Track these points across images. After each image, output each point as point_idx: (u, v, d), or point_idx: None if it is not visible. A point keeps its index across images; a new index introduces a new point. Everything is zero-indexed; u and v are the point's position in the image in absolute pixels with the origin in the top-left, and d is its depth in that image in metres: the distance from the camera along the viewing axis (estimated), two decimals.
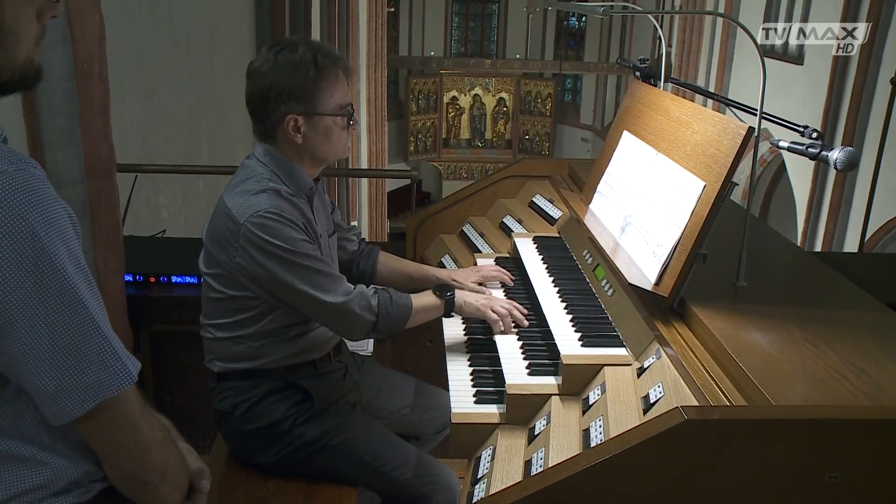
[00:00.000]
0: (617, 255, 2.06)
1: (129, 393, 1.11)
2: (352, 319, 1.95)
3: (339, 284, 1.94)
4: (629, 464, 1.25)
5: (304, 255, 1.88)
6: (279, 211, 1.86)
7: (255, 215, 1.85)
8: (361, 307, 1.95)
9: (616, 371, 1.78)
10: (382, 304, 1.99)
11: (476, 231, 2.99)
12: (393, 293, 2.03)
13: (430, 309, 2.11)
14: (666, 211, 1.92)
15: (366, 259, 2.39)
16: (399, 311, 2.02)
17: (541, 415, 1.80)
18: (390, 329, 2.01)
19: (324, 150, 1.97)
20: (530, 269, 2.41)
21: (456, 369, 2.06)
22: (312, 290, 1.89)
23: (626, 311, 1.95)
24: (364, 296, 1.96)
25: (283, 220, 1.85)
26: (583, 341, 1.91)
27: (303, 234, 1.89)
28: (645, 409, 1.56)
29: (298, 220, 1.90)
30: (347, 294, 1.94)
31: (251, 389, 2.03)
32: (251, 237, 1.85)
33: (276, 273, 1.87)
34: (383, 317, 1.99)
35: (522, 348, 2.04)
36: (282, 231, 1.85)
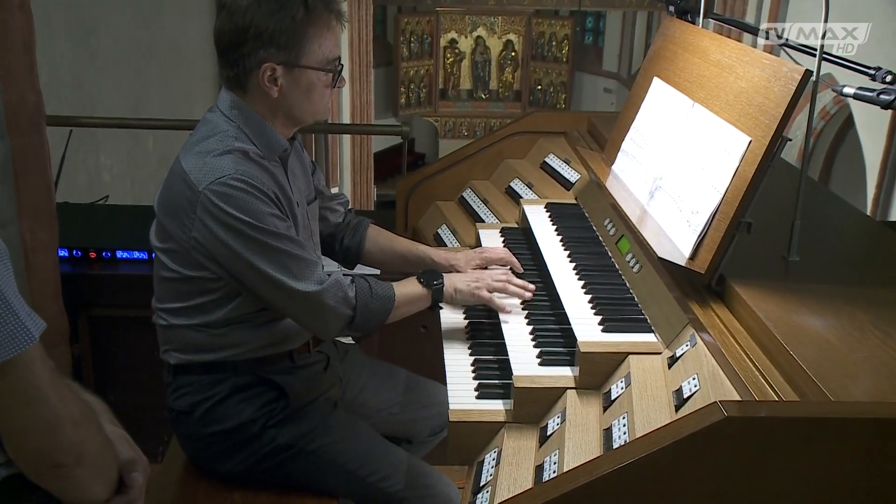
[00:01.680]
0: (644, 224, 2.06)
1: (34, 359, 1.14)
2: (325, 313, 1.95)
3: (313, 271, 1.94)
4: (658, 469, 1.26)
5: (272, 233, 1.87)
6: (246, 177, 1.85)
7: (216, 182, 1.84)
8: (336, 299, 1.95)
9: (643, 361, 1.78)
10: (361, 297, 1.99)
11: (478, 197, 2.99)
12: (373, 283, 2.03)
13: (415, 300, 2.11)
14: (703, 172, 1.91)
15: (352, 233, 2.38)
16: (380, 304, 2.02)
17: (554, 412, 1.80)
18: (369, 325, 2.02)
19: (302, 108, 1.97)
20: (542, 241, 2.42)
21: (455, 359, 2.07)
22: (280, 275, 1.89)
23: (655, 291, 1.96)
24: (340, 286, 1.96)
25: (250, 190, 1.85)
26: (604, 326, 1.92)
27: (273, 208, 1.89)
28: (677, 406, 1.57)
29: (269, 188, 1.90)
30: (321, 283, 1.93)
31: (214, 385, 2.04)
32: (211, 208, 1.85)
33: (239, 252, 1.87)
34: (361, 311, 1.99)
35: (533, 334, 2.05)
36: (248, 203, 1.85)
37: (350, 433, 2.10)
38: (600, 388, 1.83)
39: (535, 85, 16.20)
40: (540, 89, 16.20)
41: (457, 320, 2.25)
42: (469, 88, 16.32)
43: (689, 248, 1.86)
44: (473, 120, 16.02)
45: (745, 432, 1.25)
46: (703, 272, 1.79)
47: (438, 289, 2.12)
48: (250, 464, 2.05)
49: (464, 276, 2.19)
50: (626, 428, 1.59)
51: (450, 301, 2.16)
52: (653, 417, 1.57)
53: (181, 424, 2.09)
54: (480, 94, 16.34)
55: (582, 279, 2.17)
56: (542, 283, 2.30)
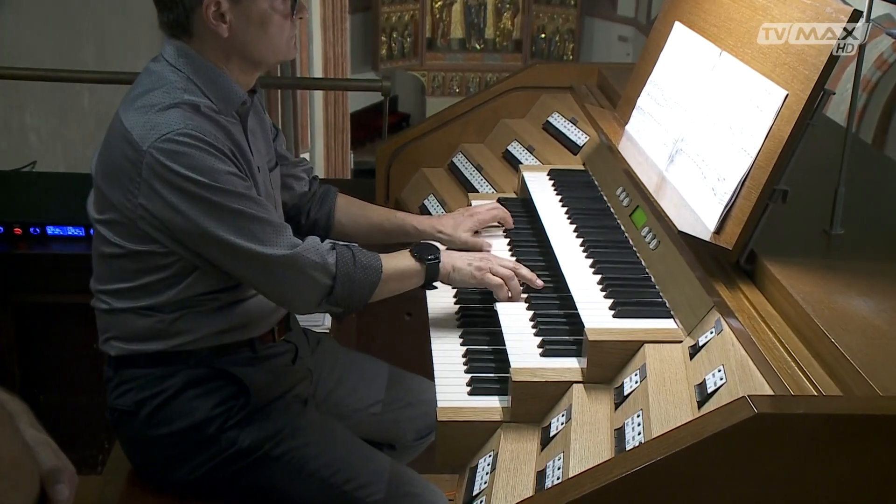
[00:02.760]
0: (663, 193, 2.06)
1: None
2: (299, 281, 1.95)
3: (281, 233, 1.94)
4: (678, 474, 1.27)
5: (231, 193, 1.88)
6: (197, 132, 1.86)
7: (163, 139, 1.84)
8: (313, 265, 1.96)
9: (661, 350, 1.79)
10: (342, 264, 1.99)
11: (471, 163, 2.99)
12: (357, 250, 2.03)
13: (405, 276, 2.12)
14: (731, 132, 1.91)
15: (319, 204, 2.39)
16: (365, 274, 2.02)
17: (558, 409, 1.81)
18: (352, 299, 2.01)
19: (259, 46, 1.96)
20: (545, 213, 2.42)
21: (444, 350, 2.07)
22: (243, 240, 1.89)
23: (676, 270, 1.96)
24: (317, 250, 1.97)
25: (202, 145, 1.85)
26: (616, 310, 1.93)
27: (230, 165, 1.89)
28: (700, 401, 1.58)
29: (224, 144, 1.90)
30: (293, 246, 1.94)
31: (163, 380, 2.04)
32: (158, 169, 1.85)
33: (192, 217, 1.87)
34: (343, 281, 1.99)
35: (534, 320, 2.05)
36: (200, 159, 1.85)
37: (323, 436, 2.11)
38: (611, 382, 1.83)
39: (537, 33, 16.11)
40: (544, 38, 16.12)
41: (446, 305, 2.25)
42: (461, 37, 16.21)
43: (715, 221, 1.86)
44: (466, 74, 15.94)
45: (779, 432, 1.26)
46: (731, 248, 1.79)
47: (434, 265, 2.12)
48: (206, 471, 2.06)
49: (465, 254, 2.19)
50: (640, 427, 1.59)
51: (446, 280, 2.16)
52: (672, 415, 1.58)
53: (125, 426, 2.09)
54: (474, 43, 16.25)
55: (590, 257, 2.17)
56: (545, 262, 2.30)
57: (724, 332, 1.68)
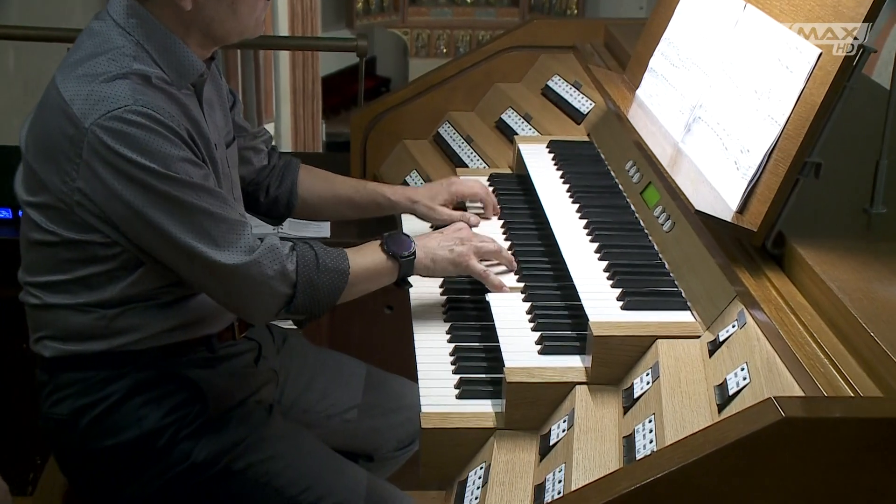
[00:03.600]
0: (679, 167, 2.06)
1: None
2: (255, 292, 1.96)
3: (239, 235, 1.94)
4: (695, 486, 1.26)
5: (185, 184, 1.87)
6: (149, 109, 1.85)
7: (109, 115, 1.83)
8: (271, 273, 1.96)
9: (676, 346, 1.79)
10: (304, 269, 2.00)
11: (459, 134, 2.98)
12: (321, 250, 2.04)
13: (376, 275, 2.12)
14: (757, 97, 1.91)
15: (279, 180, 2.40)
16: (329, 279, 2.03)
17: (559, 414, 1.81)
18: (314, 307, 2.03)
19: (225, 24, 1.97)
20: (544, 191, 2.41)
21: (429, 347, 2.08)
22: (195, 241, 1.89)
23: (693, 256, 1.96)
24: (276, 255, 1.97)
25: (154, 126, 1.84)
26: (624, 302, 1.93)
27: (185, 150, 1.89)
28: (721, 404, 1.59)
29: (180, 125, 1.89)
30: (250, 251, 1.94)
31: (106, 385, 2.03)
32: (102, 150, 1.84)
33: (139, 209, 1.86)
34: (304, 289, 2.00)
35: (531, 313, 2.05)
36: (151, 143, 1.84)
37: (290, 447, 2.10)
38: (619, 383, 1.84)
39: None
40: None
41: (431, 295, 2.25)
42: None
43: (738, 199, 1.86)
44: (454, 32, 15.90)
45: (811, 438, 1.26)
46: (756, 230, 1.79)
47: (408, 261, 2.13)
48: (155, 490, 2.05)
49: (442, 237, 2.20)
50: (652, 434, 1.59)
51: (425, 273, 2.17)
52: (688, 420, 1.58)
53: (61, 438, 2.09)
54: None
55: (596, 241, 2.16)
56: (544, 247, 2.30)
57: (747, 326, 1.67)
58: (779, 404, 1.25)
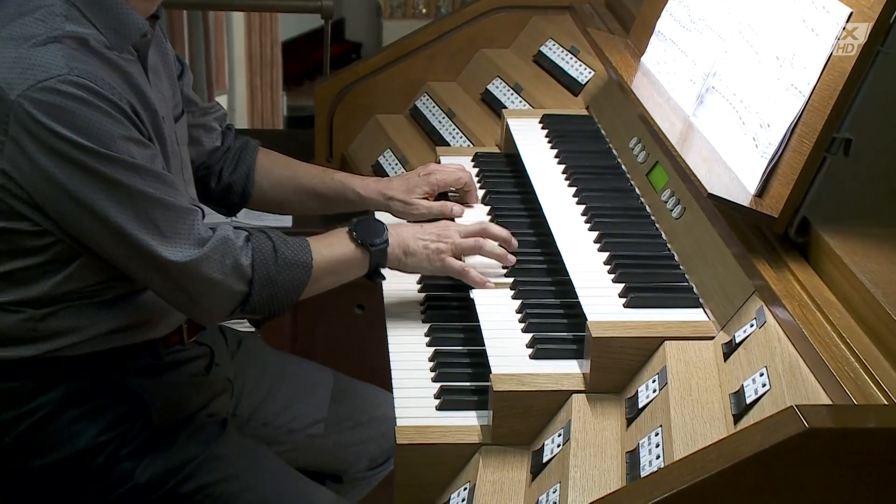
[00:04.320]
0: (690, 145, 2.05)
1: None
2: (206, 290, 1.96)
3: (190, 225, 1.93)
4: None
5: (128, 165, 1.86)
6: (86, 79, 1.84)
7: (39, 86, 1.82)
8: (223, 269, 1.95)
9: (686, 349, 1.79)
10: (261, 264, 1.99)
11: (440, 108, 2.97)
12: (279, 241, 2.03)
13: (343, 267, 2.12)
14: (778, 64, 1.90)
15: (234, 164, 2.39)
16: (290, 274, 2.02)
17: (553, 427, 1.81)
18: (273, 305, 2.03)
19: None
20: (536, 173, 2.41)
21: (405, 351, 2.07)
22: (140, 232, 1.88)
23: (706, 245, 1.96)
24: (229, 248, 1.96)
25: (92, 99, 1.83)
26: (628, 298, 1.93)
27: (128, 127, 1.88)
28: (737, 414, 1.58)
29: (122, 97, 1.88)
30: (201, 244, 1.93)
31: (35, 396, 2.03)
32: (31, 126, 1.83)
33: (74, 194, 1.85)
34: (261, 285, 1.99)
35: (522, 312, 2.05)
36: (90, 118, 1.83)
37: (247, 467, 2.10)
38: (622, 391, 1.84)
39: None
40: None
41: (408, 292, 2.25)
42: None
43: (757, 180, 1.85)
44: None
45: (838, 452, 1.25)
46: (777, 215, 1.79)
47: (381, 250, 2.12)
48: None
49: (420, 229, 2.19)
50: (659, 449, 1.59)
51: (397, 266, 2.16)
52: (700, 432, 1.58)
53: None
54: None
55: (595, 229, 2.16)
56: (536, 237, 2.29)
57: (767, 325, 1.67)
58: (802, 414, 1.24)
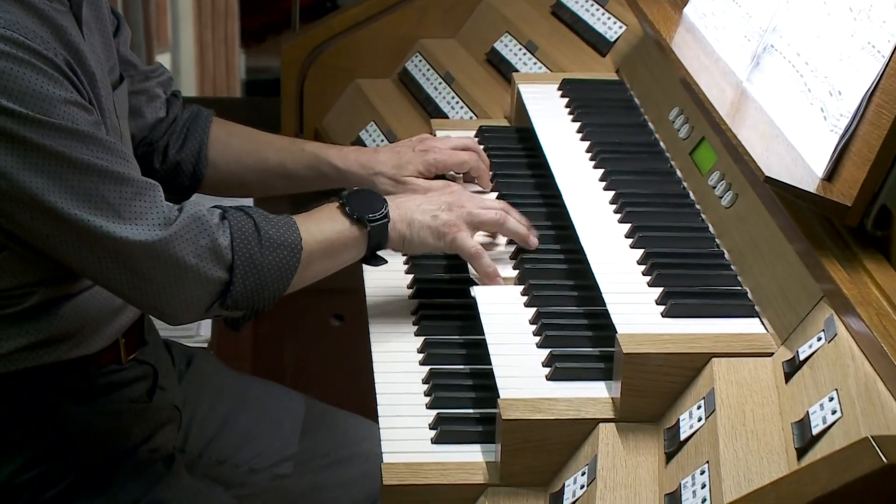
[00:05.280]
0: (743, 117, 2.06)
1: None
2: (178, 279, 1.96)
3: (150, 201, 1.94)
4: None
5: (72, 133, 1.87)
6: (16, 33, 1.85)
7: None
8: (198, 250, 1.95)
9: (739, 368, 1.78)
10: (242, 245, 1.99)
11: (436, 71, 2.99)
12: (260, 218, 2.04)
13: (337, 248, 2.12)
14: (852, 17, 1.90)
15: (181, 138, 2.41)
16: (276, 256, 2.02)
17: (577, 464, 1.81)
18: (258, 296, 2.03)
19: None
20: (555, 151, 2.41)
21: (393, 371, 2.08)
22: (89, 213, 1.88)
23: (763, 240, 1.96)
24: (203, 226, 1.96)
25: (24, 56, 1.85)
26: (667, 305, 1.93)
27: (66, 87, 1.89)
28: (801, 447, 1.58)
29: (58, 52, 1.90)
30: (166, 223, 1.93)
31: None
32: None
33: (5, 171, 1.85)
34: (245, 270, 1.99)
35: (537, 322, 2.05)
36: (22, 80, 1.84)
37: None
38: (660, 419, 1.83)
39: None
40: None
41: (396, 297, 2.25)
42: None
43: (826, 161, 1.85)
44: None
45: None
46: (851, 204, 1.77)
47: (380, 225, 2.11)
48: None
49: (424, 198, 2.20)
50: (706, 491, 1.59)
51: (398, 245, 2.16)
52: (755, 470, 1.58)
53: None
54: None
55: (627, 220, 2.15)
56: (554, 230, 2.29)
57: (839, 339, 1.66)
58: (880, 447, 1.25)
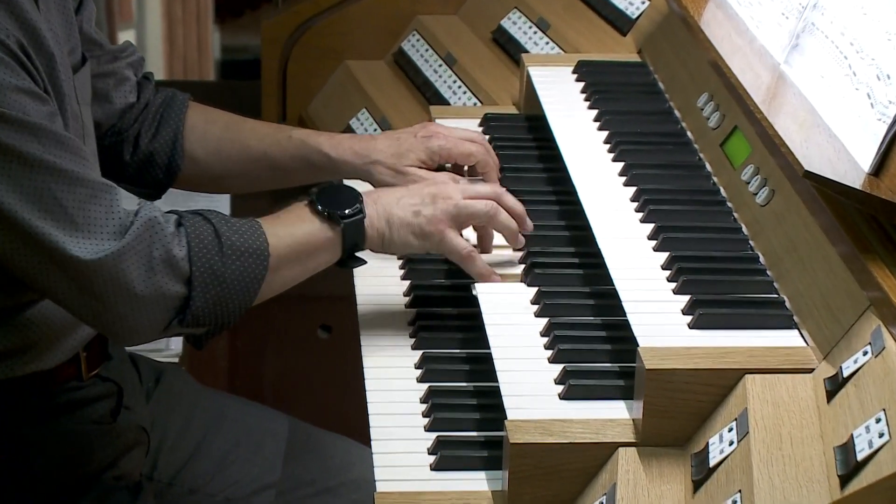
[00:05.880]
0: (781, 104, 2.07)
1: None
2: (131, 297, 1.95)
3: (107, 206, 1.93)
4: None
5: (22, 125, 1.87)
6: None
7: None
8: (152, 264, 1.95)
9: (775, 386, 1.77)
10: (201, 254, 2.00)
11: (436, 52, 3.00)
12: (220, 223, 2.04)
13: (307, 250, 2.13)
14: None
15: (154, 126, 2.41)
16: (240, 265, 2.03)
17: (593, 493, 1.81)
18: (221, 310, 2.03)
19: None
20: (568, 142, 2.41)
21: (387, 388, 2.08)
22: (38, 218, 1.89)
23: (802, 242, 1.95)
24: (158, 235, 1.96)
25: None
26: (695, 315, 1.92)
27: (19, 73, 1.91)
28: (844, 475, 1.57)
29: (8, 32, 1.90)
30: (120, 233, 1.93)
31: None
32: None
33: None
34: (205, 284, 2.00)
35: (549, 334, 2.05)
36: None
37: None
38: (687, 443, 1.82)
39: None
40: None
41: (390, 299, 2.26)
42: None
43: (872, 153, 1.84)
44: None
45: None
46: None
47: (355, 223, 2.11)
48: None
49: (406, 191, 2.20)
50: None
51: (380, 245, 2.16)
52: (793, 499, 1.58)
53: None
54: None
55: (650, 220, 2.15)
56: (568, 230, 2.29)
57: (887, 353, 1.66)
58: None
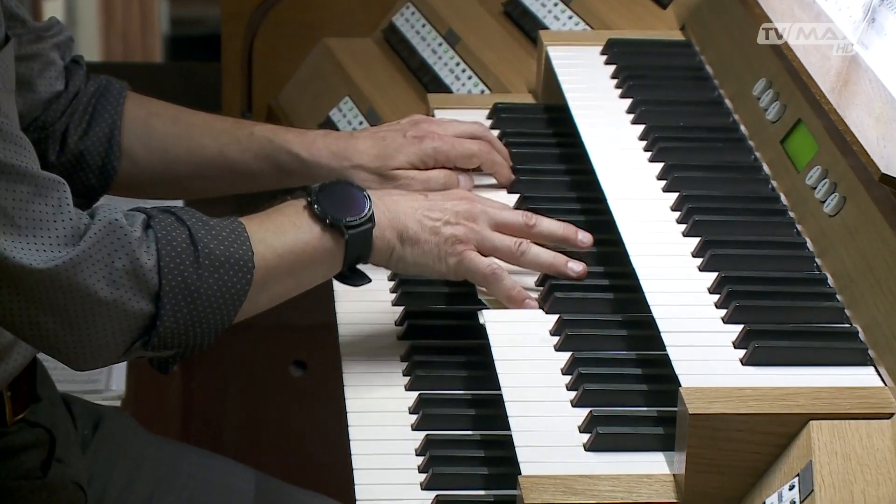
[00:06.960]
0: (853, 92, 2.07)
1: None
2: (87, 313, 1.96)
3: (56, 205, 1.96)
4: None
5: None
6: None
7: None
8: (113, 276, 1.96)
9: (846, 434, 1.76)
10: (172, 264, 2.01)
11: (434, 28, 3.03)
12: (197, 225, 2.05)
13: (303, 261, 2.15)
14: None
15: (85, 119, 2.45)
16: (219, 279, 2.04)
17: None
18: (195, 331, 2.04)
19: None
20: (595, 138, 2.41)
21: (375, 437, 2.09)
22: None
23: (878, 260, 1.95)
24: (121, 241, 1.97)
25: None
26: (749, 350, 1.92)
27: None
28: None
29: None
30: (74, 238, 1.95)
31: None
32: None
33: None
34: (176, 300, 2.00)
35: (572, 372, 2.05)
36: None
37: None
38: (740, 502, 1.81)
39: None
40: None
41: (379, 329, 2.29)
42: None
43: None
44: None
45: None
46: None
47: (362, 232, 2.12)
48: None
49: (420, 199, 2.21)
50: None
51: (386, 260, 2.18)
52: None
53: None
54: None
55: (694, 233, 2.16)
56: (595, 246, 2.28)
57: None
58: None
